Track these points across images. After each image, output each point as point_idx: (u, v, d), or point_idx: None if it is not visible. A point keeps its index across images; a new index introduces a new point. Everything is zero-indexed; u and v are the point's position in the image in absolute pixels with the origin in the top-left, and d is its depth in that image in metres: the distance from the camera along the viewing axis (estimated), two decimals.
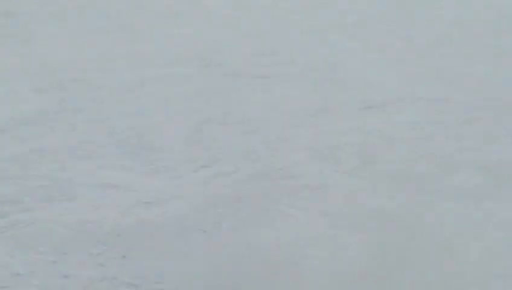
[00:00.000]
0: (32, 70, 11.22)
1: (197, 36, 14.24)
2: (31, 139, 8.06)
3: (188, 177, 7.14)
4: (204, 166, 7.44)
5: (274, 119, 9.39)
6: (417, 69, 13.84)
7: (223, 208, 6.41)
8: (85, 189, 6.69)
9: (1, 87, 10.22)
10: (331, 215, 6.46)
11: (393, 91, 11.48)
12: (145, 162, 7.53)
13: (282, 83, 11.25)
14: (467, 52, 16.09)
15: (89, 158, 7.55)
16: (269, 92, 10.69)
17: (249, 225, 6.12)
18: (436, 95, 11.65)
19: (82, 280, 4.98)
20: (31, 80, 10.59)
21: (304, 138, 8.65)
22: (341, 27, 17.42)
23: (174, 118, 9.23)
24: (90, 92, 10.25)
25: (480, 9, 24.34)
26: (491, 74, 13.76)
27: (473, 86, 12.69)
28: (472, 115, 10.48)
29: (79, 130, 8.54)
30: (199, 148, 8.05)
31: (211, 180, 7.09)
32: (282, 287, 5.15)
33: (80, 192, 6.62)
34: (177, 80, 11.08)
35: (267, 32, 15.26)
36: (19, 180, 6.81)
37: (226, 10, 17.09)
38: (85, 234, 5.72)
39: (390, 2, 24.04)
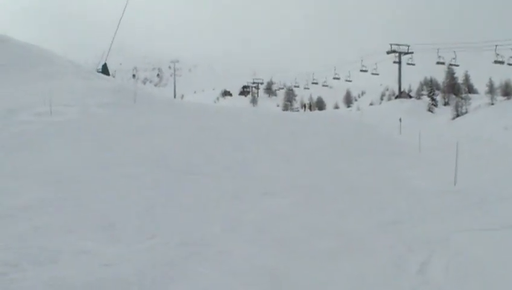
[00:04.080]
0: None
1: (151, 147, 13.86)
2: (27, 220, 7.57)
3: (136, 246, 6.84)
4: (149, 238, 7.25)
5: (201, 203, 9.17)
6: (299, 167, 14.05)
7: (160, 269, 6.20)
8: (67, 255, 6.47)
9: None
10: (236, 274, 6.26)
11: (282, 182, 11.63)
12: (109, 235, 7.25)
13: (207, 178, 11.05)
14: (332, 155, 16.53)
15: (72, 232, 7.27)
16: (198, 184, 10.50)
17: (176, 281, 5.95)
18: (310, 183, 11.83)
19: None
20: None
21: (219, 216, 8.55)
22: (251, 139, 17.68)
23: (131, 204, 8.81)
24: (90, 185, 9.68)
25: (342, 128, 25.20)
26: (347, 168, 14.15)
27: (334, 176, 13.00)
28: (333, 197, 10.69)
29: (66, 212, 8.19)
30: (146, 224, 7.78)
31: (153, 248, 6.89)
32: None
33: (63, 257, 6.39)
34: (137, 177, 10.69)
35: (200, 144, 15.12)
36: (19, 249, 6.49)
37: (172, 130, 16.83)
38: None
39: (285, 124, 24.68)
